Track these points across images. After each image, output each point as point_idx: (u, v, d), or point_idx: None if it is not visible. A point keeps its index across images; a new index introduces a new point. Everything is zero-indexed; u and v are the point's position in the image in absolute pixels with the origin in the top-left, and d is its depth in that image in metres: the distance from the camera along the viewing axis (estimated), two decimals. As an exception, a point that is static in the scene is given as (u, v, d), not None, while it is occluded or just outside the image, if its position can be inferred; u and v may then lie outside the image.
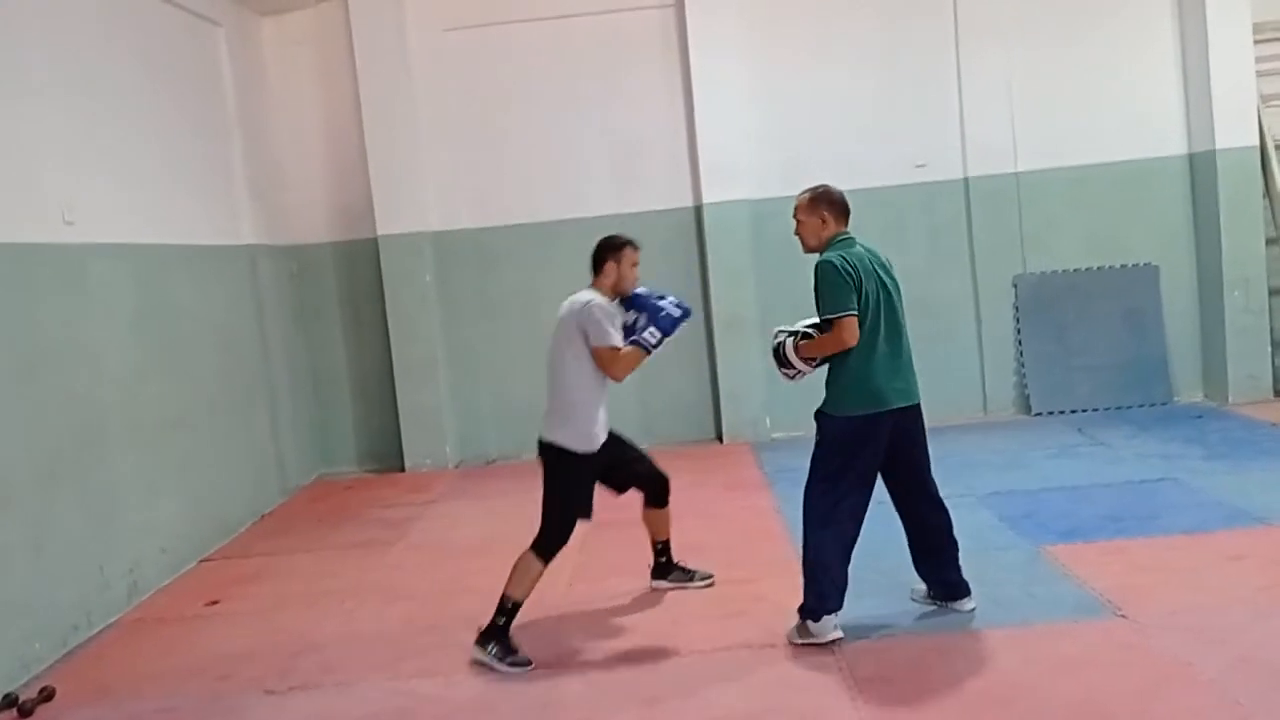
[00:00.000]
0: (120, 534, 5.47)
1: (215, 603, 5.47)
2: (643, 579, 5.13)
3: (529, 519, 4.13)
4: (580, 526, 4.46)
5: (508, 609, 4.34)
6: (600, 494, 4.58)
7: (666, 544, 5.05)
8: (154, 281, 6.14)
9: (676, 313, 4.48)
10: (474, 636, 4.37)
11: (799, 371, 4.33)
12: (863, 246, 4.22)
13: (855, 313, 4.02)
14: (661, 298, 4.55)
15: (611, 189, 8.27)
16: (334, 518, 7.05)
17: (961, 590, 4.43)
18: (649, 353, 4.45)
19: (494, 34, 8.21)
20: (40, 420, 4.92)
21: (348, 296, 8.40)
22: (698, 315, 8.17)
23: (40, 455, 4.89)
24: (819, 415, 4.22)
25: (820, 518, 4.18)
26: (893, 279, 4.23)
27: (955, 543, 4.41)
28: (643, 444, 4.98)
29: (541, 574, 4.41)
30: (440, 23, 8.19)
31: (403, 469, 8.20)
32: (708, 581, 5.03)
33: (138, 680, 4.53)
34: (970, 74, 8.10)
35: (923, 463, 4.34)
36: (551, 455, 4.44)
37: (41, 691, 4.34)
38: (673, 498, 4.88)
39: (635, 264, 4.58)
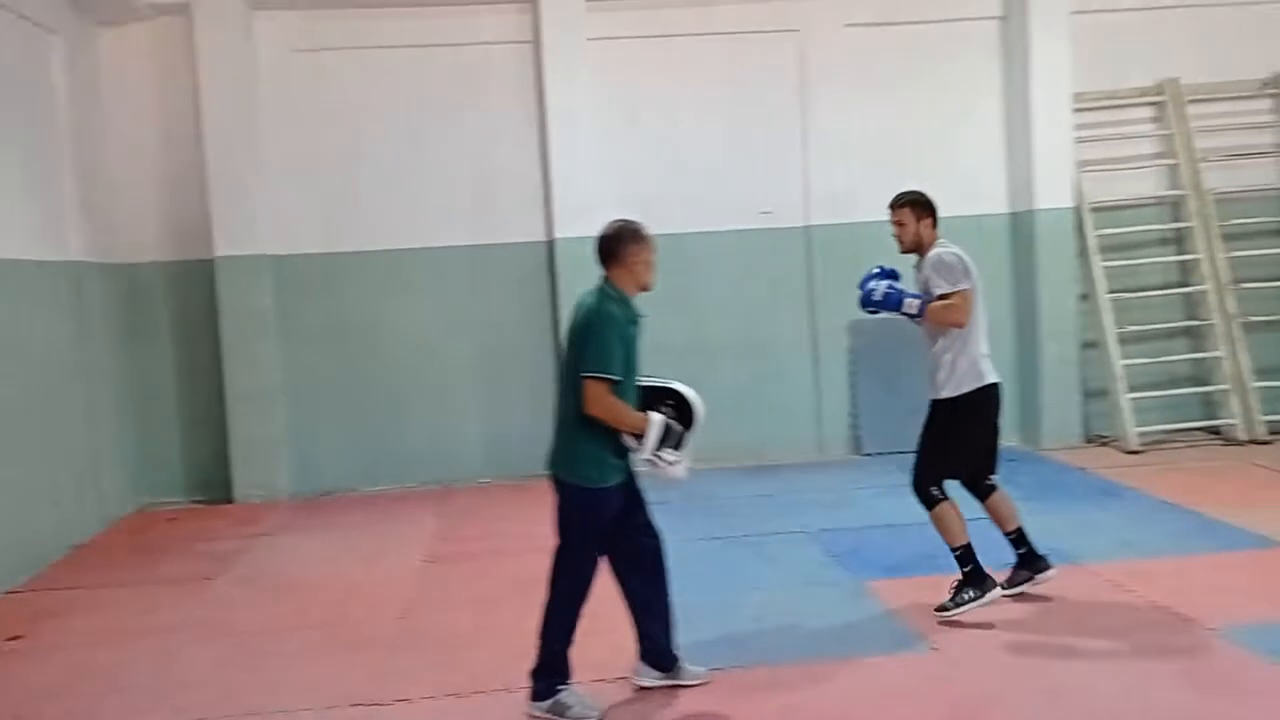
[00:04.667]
0: (-88, 565, 5.09)
1: (18, 638, 5.14)
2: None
3: (363, 554, 4.01)
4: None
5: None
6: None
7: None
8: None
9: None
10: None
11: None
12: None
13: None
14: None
15: (465, 220, 8.24)
16: (155, 550, 6.72)
17: None
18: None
19: (347, 58, 8.10)
20: None
21: (180, 318, 8.04)
22: (546, 352, 8.17)
23: None
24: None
25: None
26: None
27: None
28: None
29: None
30: (290, 43, 8.02)
31: (231, 500, 7.89)
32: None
33: (-77, 723, 4.22)
34: (812, 130, 8.43)
35: None
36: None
37: None
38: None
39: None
